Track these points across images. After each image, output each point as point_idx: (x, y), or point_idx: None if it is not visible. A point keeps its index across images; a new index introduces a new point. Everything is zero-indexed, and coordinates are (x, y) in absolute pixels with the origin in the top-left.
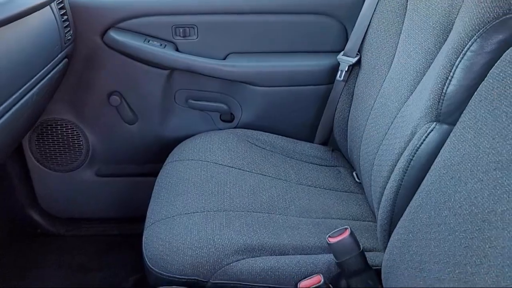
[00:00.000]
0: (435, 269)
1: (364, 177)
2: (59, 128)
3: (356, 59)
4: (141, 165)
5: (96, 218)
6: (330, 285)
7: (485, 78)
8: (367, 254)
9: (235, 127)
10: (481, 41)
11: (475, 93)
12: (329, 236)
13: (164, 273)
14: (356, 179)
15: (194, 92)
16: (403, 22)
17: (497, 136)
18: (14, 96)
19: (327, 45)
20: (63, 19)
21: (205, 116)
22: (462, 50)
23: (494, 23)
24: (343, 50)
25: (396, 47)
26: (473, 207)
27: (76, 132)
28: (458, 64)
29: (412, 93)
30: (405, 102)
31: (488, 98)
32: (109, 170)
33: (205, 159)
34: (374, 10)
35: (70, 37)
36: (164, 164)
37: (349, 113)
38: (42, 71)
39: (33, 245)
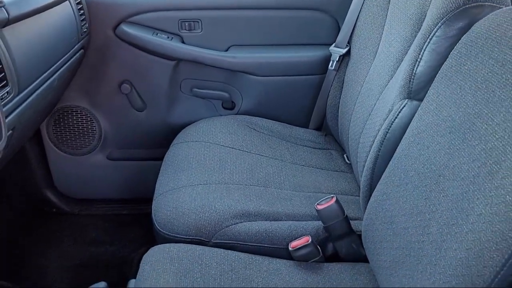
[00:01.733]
0: (402, 220)
1: (352, 156)
2: (74, 114)
3: (346, 49)
4: (148, 149)
5: (107, 199)
6: (318, 247)
7: (447, 59)
8: (352, 222)
9: (236, 114)
10: (445, 27)
11: (439, 72)
12: (317, 204)
13: (171, 234)
14: (347, 161)
15: (198, 82)
16: (386, 15)
17: (452, 105)
18: (39, 79)
19: (320, 38)
20: (80, 13)
21: (208, 104)
22: (429, 35)
23: (455, 11)
24: (334, 42)
25: (381, 37)
26: (432, 166)
27: (90, 118)
28: (426, 48)
29: (392, 77)
30: (386, 86)
31: (447, 75)
32: (120, 154)
33: (208, 140)
34: (362, 5)
35: (85, 30)
36: (171, 145)
37: (340, 99)
38: (62, 59)
39: (49, 223)
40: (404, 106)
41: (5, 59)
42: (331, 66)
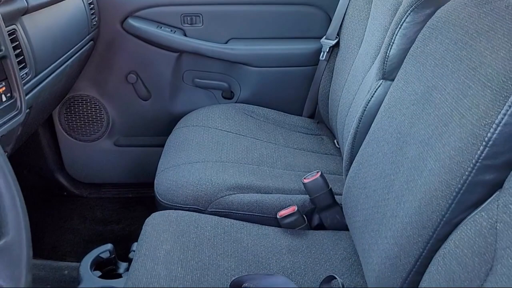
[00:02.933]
0: (373, 184)
1: (340, 139)
2: (84, 103)
3: (335, 41)
4: (152, 136)
5: (113, 183)
6: (304, 216)
7: (414, 42)
8: (336, 197)
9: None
10: (413, 14)
11: (408, 54)
12: (304, 178)
13: (171, 204)
14: (336, 145)
15: (200, 73)
16: (370, 8)
17: (416, 81)
18: (53, 65)
19: (312, 32)
20: (90, 7)
21: (208, 93)
22: (400, 22)
23: (423, 0)
24: (325, 35)
25: (365, 28)
26: (398, 134)
27: (98, 107)
28: (397, 33)
29: (373, 63)
30: (368, 71)
31: (414, 56)
32: (126, 140)
33: (207, 125)
34: (350, 0)
35: (95, 23)
36: (173, 130)
37: (330, 88)
38: (74, 48)
39: (60, 205)
40: (379, 86)
41: (24, 44)
42: (322, 56)
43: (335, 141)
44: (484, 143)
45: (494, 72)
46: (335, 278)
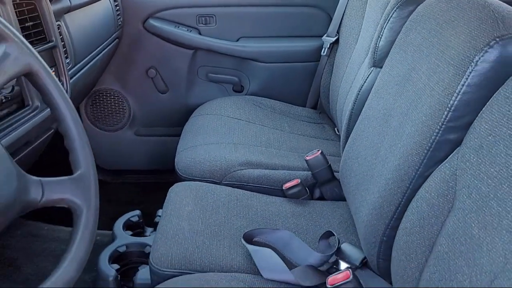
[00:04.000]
0: (363, 153)
1: (338, 123)
2: (108, 96)
3: (335, 38)
4: (170, 127)
5: (134, 169)
6: (307, 188)
7: (399, 34)
8: (336, 174)
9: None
10: (399, 11)
11: (394, 44)
12: (306, 155)
13: (190, 177)
14: (336, 132)
15: (213, 68)
16: (366, 8)
17: (399, 65)
18: (88, 57)
19: (315, 30)
20: (116, 9)
21: (220, 87)
22: (388, 17)
23: None
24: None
25: (361, 26)
26: (385, 110)
27: (121, 100)
28: (385, 27)
29: (367, 55)
30: (362, 63)
31: (398, 45)
32: (145, 130)
33: (220, 114)
34: (348, 0)
35: (120, 23)
36: (190, 118)
37: (330, 80)
38: (103, 44)
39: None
40: (371, 73)
41: (67, 38)
42: (323, 52)
43: (335, 129)
44: (448, 109)
45: (456, 53)
46: (333, 235)
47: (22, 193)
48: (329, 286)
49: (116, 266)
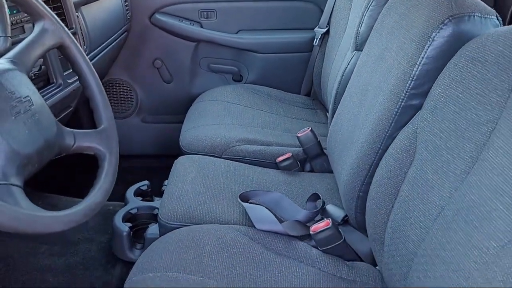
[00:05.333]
0: (345, 125)
1: (328, 107)
2: (117, 85)
3: (326, 29)
4: (174, 115)
5: (141, 154)
6: (298, 162)
7: (376, 20)
8: (324, 150)
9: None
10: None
11: (372, 29)
12: (298, 133)
13: (193, 152)
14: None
15: (214, 59)
16: (352, 0)
17: (376, 47)
18: (101, 46)
19: (308, 23)
20: (125, 4)
21: (221, 77)
22: (368, 5)
23: None
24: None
25: (348, 16)
26: (363, 85)
27: (129, 89)
28: (365, 14)
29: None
30: (348, 49)
31: (376, 29)
32: (151, 118)
33: (221, 99)
34: None
35: (128, 17)
36: (193, 104)
37: (322, 69)
38: (113, 36)
39: (95, 173)
40: (353, 56)
41: (83, 27)
42: (315, 42)
43: (327, 113)
44: (411, 78)
45: (418, 31)
46: (319, 198)
47: (59, 138)
48: (311, 233)
49: (129, 224)
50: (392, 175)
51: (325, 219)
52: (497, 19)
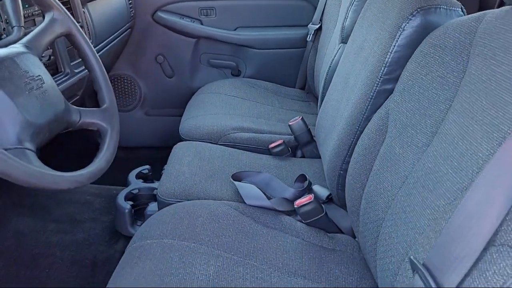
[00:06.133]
0: (330, 111)
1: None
2: (121, 80)
3: (318, 25)
4: (176, 108)
5: (144, 146)
6: (289, 149)
7: (360, 14)
8: (315, 138)
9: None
10: None
11: (356, 22)
12: (289, 122)
13: (189, 139)
14: None
15: (213, 55)
16: None
17: (358, 39)
18: (106, 41)
19: (302, 20)
20: (129, 2)
21: (220, 72)
22: (352, 1)
23: None
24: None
25: (338, 13)
26: (346, 74)
27: (133, 84)
28: (350, 9)
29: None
30: (339, 43)
31: (358, 23)
32: (154, 111)
33: (219, 92)
34: None
35: (132, 15)
36: (193, 96)
37: (314, 63)
38: (118, 31)
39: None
40: (339, 48)
41: (89, 22)
42: (309, 38)
43: None
44: (384, 65)
45: (391, 22)
46: (306, 179)
47: (67, 114)
48: (295, 207)
49: (130, 203)
50: (367, 153)
51: (308, 195)
52: (462, 10)
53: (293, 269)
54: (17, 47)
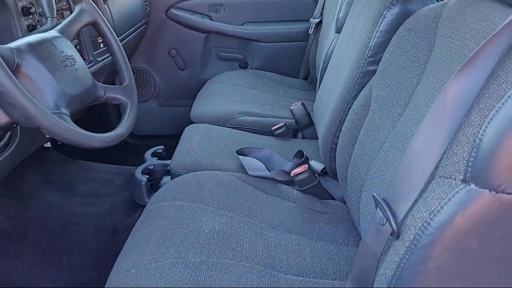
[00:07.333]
0: (325, 93)
1: None
2: (137, 73)
3: (319, 19)
4: (187, 99)
5: (158, 135)
6: (290, 131)
7: (351, 6)
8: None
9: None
10: None
11: (348, 14)
12: (290, 107)
13: (199, 122)
14: None
15: (222, 48)
16: None
17: (349, 27)
18: (124, 34)
19: (305, 15)
20: (144, 0)
21: (229, 64)
22: None
23: None
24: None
25: (336, 6)
26: (339, 59)
27: (148, 76)
28: (343, 2)
29: None
30: (334, 34)
31: (350, 14)
32: (168, 102)
33: (227, 82)
34: None
35: (147, 11)
36: (204, 85)
37: (316, 54)
38: (134, 27)
39: (120, 150)
40: (334, 38)
41: (109, 18)
42: (310, 31)
43: None
44: (368, 48)
45: (374, 10)
46: (304, 155)
47: (94, 88)
48: (292, 175)
49: (147, 176)
50: (353, 126)
51: (303, 164)
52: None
53: (288, 227)
54: (53, 33)
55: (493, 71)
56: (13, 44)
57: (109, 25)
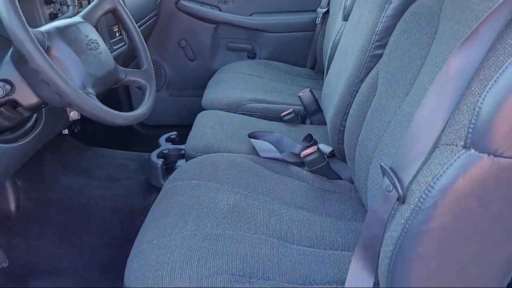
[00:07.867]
0: (333, 79)
1: None
2: None
3: (326, 9)
4: (197, 89)
5: (169, 124)
6: (299, 117)
7: None
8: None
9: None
10: None
11: (355, 1)
12: (299, 93)
13: (210, 109)
14: None
15: (231, 39)
16: None
17: (355, 14)
18: (140, 22)
19: (312, 5)
20: None
21: (237, 55)
22: None
23: None
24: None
25: None
26: (346, 46)
27: (159, 67)
28: None
29: None
30: (341, 21)
31: (356, 2)
32: (178, 92)
33: (236, 71)
34: None
35: (158, 3)
36: (213, 75)
37: (323, 44)
38: (146, 17)
39: (131, 139)
40: (341, 26)
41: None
42: (317, 21)
43: None
44: (375, 33)
45: None
46: (313, 139)
47: (116, 72)
48: (302, 156)
49: (162, 160)
50: (360, 108)
51: (313, 146)
52: None
53: (299, 204)
54: (77, 18)
55: (492, 44)
56: (43, 28)
57: (128, 12)
